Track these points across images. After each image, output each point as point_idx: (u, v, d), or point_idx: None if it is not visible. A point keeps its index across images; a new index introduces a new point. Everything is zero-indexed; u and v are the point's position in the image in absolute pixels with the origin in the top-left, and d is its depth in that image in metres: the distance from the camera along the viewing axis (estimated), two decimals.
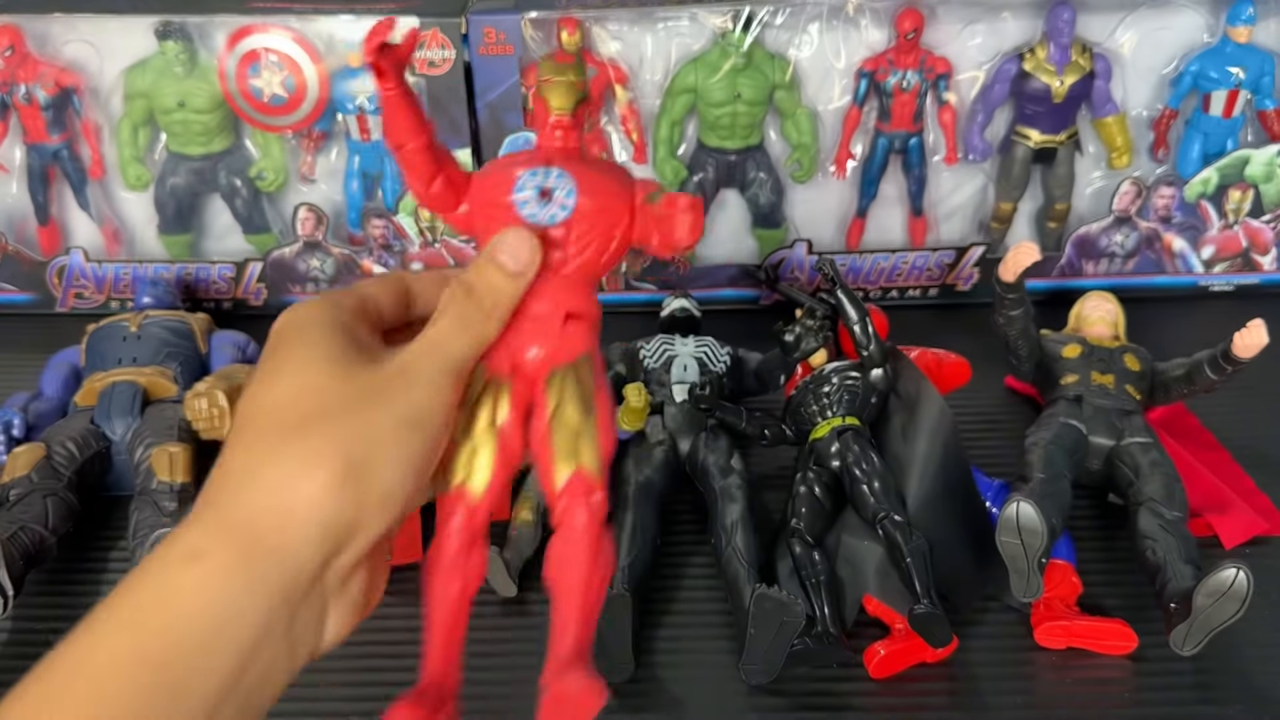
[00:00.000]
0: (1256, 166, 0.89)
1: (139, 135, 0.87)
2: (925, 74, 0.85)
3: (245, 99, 0.85)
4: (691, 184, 0.89)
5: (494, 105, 0.86)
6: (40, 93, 0.85)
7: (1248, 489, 0.71)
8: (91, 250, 0.90)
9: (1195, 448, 0.74)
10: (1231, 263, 0.93)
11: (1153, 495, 0.65)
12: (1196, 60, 0.86)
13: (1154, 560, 0.62)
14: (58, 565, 0.67)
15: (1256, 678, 0.60)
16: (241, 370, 0.76)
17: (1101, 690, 0.60)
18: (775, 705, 0.59)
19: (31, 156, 0.88)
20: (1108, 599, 0.65)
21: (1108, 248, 0.92)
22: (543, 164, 0.39)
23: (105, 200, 0.90)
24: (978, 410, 0.80)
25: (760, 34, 0.84)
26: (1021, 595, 0.61)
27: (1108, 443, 0.69)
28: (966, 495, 0.66)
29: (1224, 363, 0.70)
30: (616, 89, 0.86)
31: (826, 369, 0.71)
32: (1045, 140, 0.88)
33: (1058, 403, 0.72)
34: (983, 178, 0.91)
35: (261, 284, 0.92)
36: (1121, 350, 0.75)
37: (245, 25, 0.83)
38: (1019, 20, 0.85)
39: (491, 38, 0.83)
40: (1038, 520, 0.59)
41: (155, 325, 0.78)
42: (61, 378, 0.77)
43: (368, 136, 0.87)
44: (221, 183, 0.88)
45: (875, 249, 0.91)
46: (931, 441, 0.67)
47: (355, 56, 0.84)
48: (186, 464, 0.67)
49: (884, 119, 0.87)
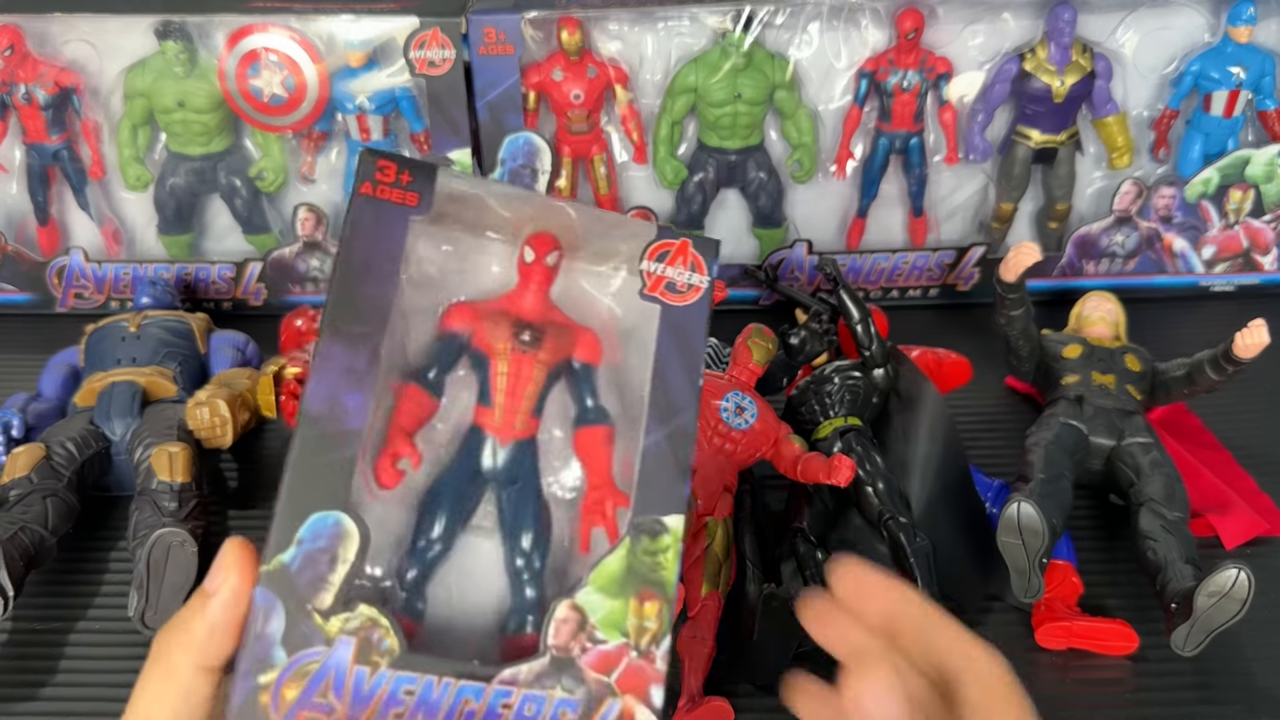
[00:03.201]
0: (1257, 166, 0.89)
1: (139, 135, 0.87)
2: (926, 74, 0.85)
3: (245, 99, 0.85)
4: (692, 184, 0.89)
5: (494, 105, 0.85)
6: (40, 92, 0.85)
7: (1249, 489, 0.71)
8: (91, 250, 0.90)
9: (1196, 448, 0.74)
10: (1232, 263, 0.93)
11: (1153, 495, 0.65)
12: (1197, 60, 0.86)
13: (1155, 560, 0.62)
14: (58, 566, 0.66)
15: (1257, 678, 0.60)
16: (243, 375, 0.76)
17: (1102, 691, 0.60)
18: (777, 705, 0.59)
19: (31, 156, 0.88)
20: (1109, 599, 0.65)
21: (1108, 248, 0.92)
22: (738, 390, 0.64)
23: (105, 200, 0.90)
24: (978, 410, 0.80)
25: (760, 34, 0.84)
26: (1022, 595, 0.61)
27: (1108, 443, 0.69)
28: (966, 495, 0.66)
29: (1225, 363, 0.70)
30: (617, 89, 0.86)
31: (828, 369, 0.71)
32: (1046, 140, 0.87)
33: (1058, 403, 0.72)
34: (983, 178, 0.91)
35: (261, 284, 0.91)
36: (1122, 350, 0.75)
37: (245, 25, 0.83)
38: (1019, 20, 0.85)
39: (492, 37, 0.83)
40: (1038, 520, 0.59)
41: (154, 325, 0.78)
42: (61, 378, 0.77)
43: (368, 136, 0.86)
44: (221, 183, 0.88)
45: (875, 249, 0.91)
46: (932, 441, 0.67)
47: (355, 56, 0.84)
48: (186, 464, 0.67)
49: (884, 119, 0.87)
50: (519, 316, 0.39)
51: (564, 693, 0.34)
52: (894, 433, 0.70)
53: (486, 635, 0.37)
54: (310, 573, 0.33)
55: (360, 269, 0.36)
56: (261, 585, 0.32)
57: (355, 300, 0.36)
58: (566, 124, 0.87)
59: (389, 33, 0.83)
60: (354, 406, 0.34)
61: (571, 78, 0.85)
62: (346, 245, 0.36)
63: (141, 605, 0.61)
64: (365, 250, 0.36)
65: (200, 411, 0.70)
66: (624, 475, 0.37)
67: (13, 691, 0.60)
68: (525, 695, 0.33)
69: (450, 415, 0.39)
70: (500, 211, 0.38)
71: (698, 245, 0.39)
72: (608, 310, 0.40)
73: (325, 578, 0.33)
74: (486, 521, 0.38)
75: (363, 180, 0.36)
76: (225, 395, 0.71)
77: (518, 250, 0.39)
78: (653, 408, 0.37)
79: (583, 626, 0.34)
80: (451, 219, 0.38)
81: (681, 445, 0.36)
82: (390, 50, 0.84)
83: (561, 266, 0.39)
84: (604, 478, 0.38)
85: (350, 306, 0.35)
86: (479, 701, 0.33)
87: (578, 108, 0.86)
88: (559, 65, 0.85)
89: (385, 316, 0.36)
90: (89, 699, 0.60)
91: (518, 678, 0.34)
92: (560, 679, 0.34)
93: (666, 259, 0.38)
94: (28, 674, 0.61)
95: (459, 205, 0.38)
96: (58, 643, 0.63)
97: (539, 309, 0.39)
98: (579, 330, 0.39)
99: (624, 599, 0.35)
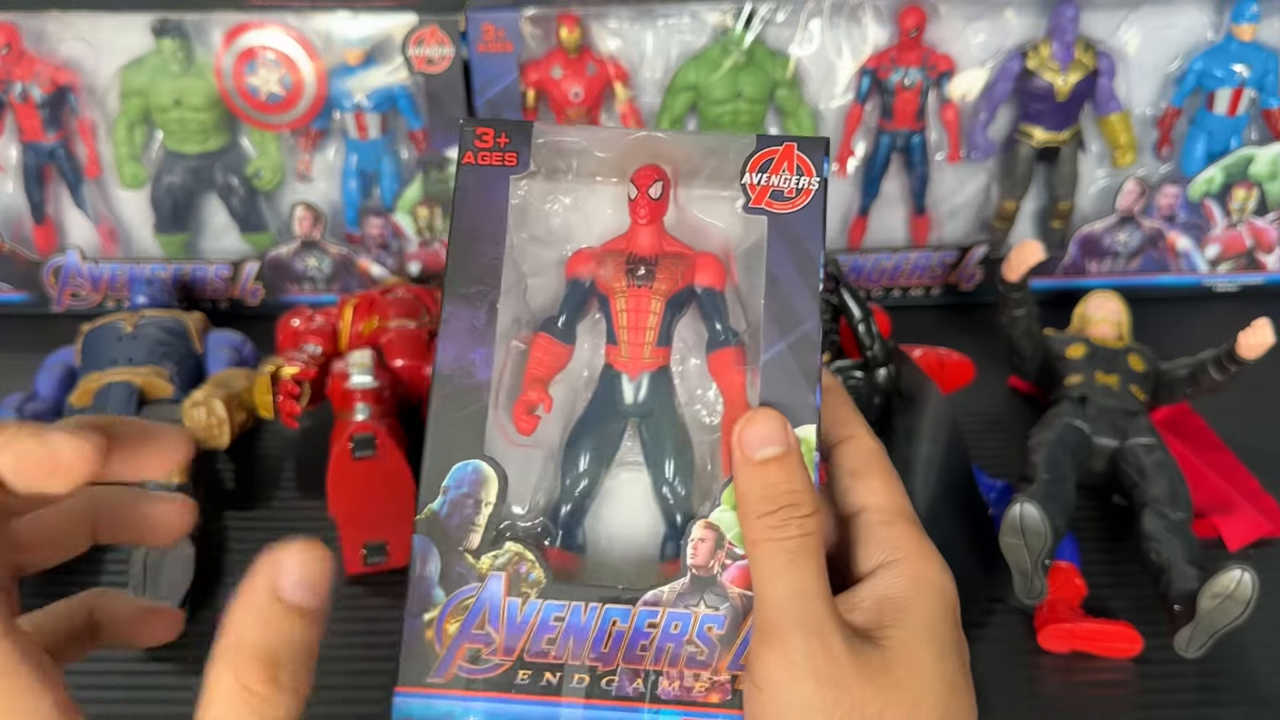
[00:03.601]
0: (1261, 165, 0.89)
1: (135, 133, 0.87)
2: (928, 71, 0.85)
3: (242, 97, 0.84)
4: None
5: (493, 103, 0.85)
6: (36, 91, 0.85)
7: (1253, 490, 0.71)
8: (87, 249, 0.90)
9: (1200, 448, 0.74)
10: (1236, 262, 0.93)
11: (1157, 496, 0.64)
12: (1200, 58, 0.85)
13: (1158, 562, 0.61)
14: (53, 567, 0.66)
15: (1261, 680, 0.60)
16: (239, 375, 0.75)
17: (1105, 693, 0.60)
18: None
19: (27, 155, 0.87)
20: (1112, 601, 0.64)
21: (1111, 247, 0.92)
22: None
23: (101, 199, 0.89)
24: (981, 410, 0.79)
25: (761, 31, 0.83)
26: (1025, 597, 0.61)
27: (1112, 443, 0.69)
28: (969, 496, 0.66)
29: (1229, 363, 0.69)
30: (616, 87, 0.85)
31: (829, 369, 0.71)
32: (1049, 138, 0.87)
33: (1061, 403, 0.71)
34: (986, 176, 0.90)
35: (258, 283, 0.91)
36: (1126, 350, 0.74)
37: (242, 22, 0.82)
38: (1022, 17, 0.84)
39: (490, 34, 0.82)
40: (1041, 521, 0.59)
41: (151, 325, 0.77)
42: (56, 378, 0.76)
43: (365, 134, 0.86)
44: (218, 181, 0.88)
45: (877, 248, 0.91)
46: (934, 442, 0.66)
47: (353, 54, 0.83)
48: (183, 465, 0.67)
49: (886, 117, 0.87)
50: (633, 252, 0.40)
51: (708, 609, 0.35)
52: (896, 433, 0.69)
53: (645, 563, 0.39)
54: (458, 517, 0.36)
55: (470, 234, 0.38)
56: (418, 533, 0.35)
57: (469, 263, 0.38)
58: (566, 122, 0.87)
59: (387, 30, 0.83)
60: (480, 360, 0.37)
61: (571, 75, 0.84)
62: (456, 215, 0.38)
63: None
64: (473, 216, 0.38)
65: (197, 412, 0.70)
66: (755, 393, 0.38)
67: None
68: (670, 614, 0.35)
69: (586, 358, 0.41)
70: (599, 154, 0.40)
71: (803, 147, 0.38)
72: (723, 232, 0.40)
73: (472, 520, 0.36)
74: (631, 456, 0.40)
75: (464, 151, 0.38)
76: (222, 395, 0.71)
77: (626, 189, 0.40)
78: (771, 320, 0.37)
79: (720, 544, 0.36)
80: (562, 171, 0.40)
81: (806, 354, 0.36)
82: (388, 47, 0.83)
83: (669, 196, 0.40)
84: (739, 398, 0.38)
85: (465, 270, 0.38)
86: (625, 623, 0.35)
87: (577, 105, 0.85)
88: (558, 63, 0.84)
89: (498, 273, 0.38)
90: (87, 700, 0.58)
91: (660, 598, 0.35)
92: (703, 596, 0.35)
93: (770, 168, 0.38)
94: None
95: (565, 157, 0.40)
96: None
97: (653, 242, 0.40)
98: (697, 256, 0.40)
99: None
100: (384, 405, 0.69)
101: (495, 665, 0.35)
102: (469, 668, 0.34)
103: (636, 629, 0.35)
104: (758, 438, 0.34)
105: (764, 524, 0.33)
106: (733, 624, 0.35)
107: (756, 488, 0.34)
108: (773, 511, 0.33)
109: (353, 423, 0.67)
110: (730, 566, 0.35)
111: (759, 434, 0.34)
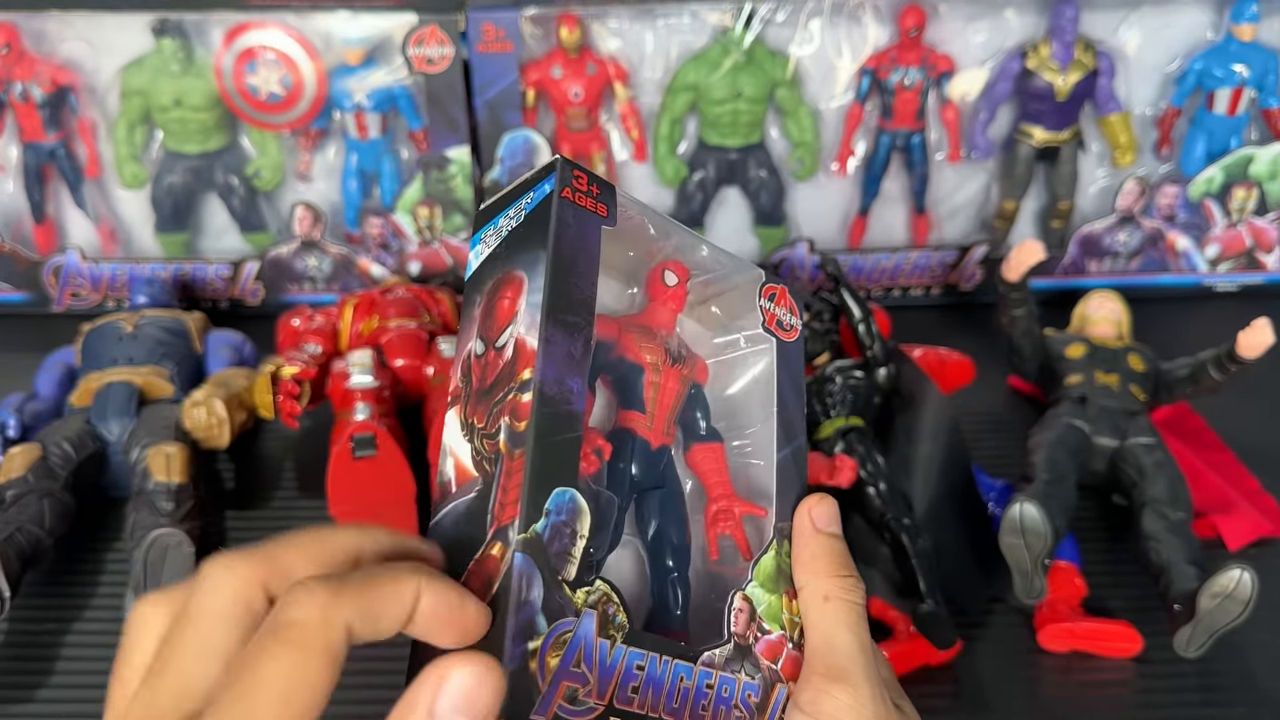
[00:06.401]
0: (1261, 165, 0.89)
1: (135, 133, 0.87)
2: (928, 71, 0.85)
3: (242, 96, 0.84)
4: (692, 182, 0.88)
5: (492, 103, 0.85)
6: (36, 91, 0.85)
7: (1253, 490, 0.71)
8: (88, 249, 0.90)
9: (1200, 448, 0.74)
10: (1236, 262, 0.93)
11: (1157, 496, 0.64)
12: (1200, 58, 0.85)
13: (1158, 561, 0.61)
14: (55, 566, 0.66)
15: (1261, 680, 0.60)
16: (240, 375, 0.75)
17: (1105, 693, 0.60)
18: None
19: (27, 155, 0.87)
20: (1112, 600, 0.64)
21: (1111, 246, 0.92)
22: None
23: (101, 199, 0.89)
24: (981, 410, 0.79)
25: (761, 31, 0.83)
26: (1025, 597, 0.61)
27: (1112, 443, 0.69)
28: (969, 496, 0.66)
29: (1229, 362, 0.69)
30: (617, 86, 0.85)
31: (830, 369, 0.71)
32: (1049, 138, 0.87)
33: (1061, 403, 0.71)
34: (986, 176, 0.90)
35: (258, 283, 0.91)
36: (1126, 350, 0.74)
37: (242, 22, 0.82)
38: (1022, 17, 0.84)
39: (490, 34, 0.82)
40: (1041, 521, 0.59)
41: (151, 325, 0.77)
42: (57, 378, 0.76)
43: (365, 134, 0.86)
44: (218, 181, 0.88)
45: (877, 248, 0.91)
46: (934, 442, 0.66)
47: (353, 54, 0.83)
48: (183, 464, 0.67)
49: (886, 116, 0.87)
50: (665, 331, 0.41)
51: (746, 677, 0.37)
52: (896, 433, 0.69)
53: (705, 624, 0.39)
54: (558, 544, 0.34)
55: (569, 266, 0.37)
56: (521, 552, 0.33)
57: (568, 292, 0.37)
58: (566, 122, 0.86)
59: (387, 30, 0.83)
60: (576, 390, 0.36)
61: (571, 75, 0.84)
62: (557, 241, 0.37)
63: None
64: (571, 250, 0.38)
65: (197, 412, 0.70)
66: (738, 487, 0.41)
67: (10, 693, 0.60)
68: (721, 676, 0.36)
69: (599, 415, 0.41)
70: (650, 232, 0.41)
71: (792, 292, 0.43)
72: (713, 340, 0.43)
73: (569, 550, 0.34)
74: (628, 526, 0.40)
75: (562, 186, 0.38)
76: (222, 395, 0.71)
77: (649, 271, 0.42)
78: (780, 428, 0.41)
79: (753, 617, 0.38)
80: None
81: (801, 461, 0.41)
82: (388, 47, 0.83)
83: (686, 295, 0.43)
84: (726, 489, 0.40)
85: (565, 297, 0.37)
86: (689, 680, 0.36)
87: (577, 105, 0.85)
88: (558, 62, 0.84)
89: (591, 312, 0.37)
90: (86, 700, 0.59)
91: (713, 660, 0.36)
92: (743, 664, 0.37)
93: (775, 300, 0.42)
94: (25, 675, 0.61)
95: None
96: (54, 644, 0.62)
97: (669, 330, 0.42)
98: (694, 355, 0.42)
99: (778, 594, 0.38)
100: (384, 405, 0.69)
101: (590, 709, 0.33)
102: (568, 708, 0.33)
103: (698, 687, 0.36)
104: (827, 515, 0.39)
105: (838, 583, 0.37)
106: (764, 693, 0.37)
107: (830, 554, 0.38)
108: (845, 575, 0.38)
109: (353, 422, 0.67)
110: (760, 639, 0.37)
111: (828, 513, 0.39)
